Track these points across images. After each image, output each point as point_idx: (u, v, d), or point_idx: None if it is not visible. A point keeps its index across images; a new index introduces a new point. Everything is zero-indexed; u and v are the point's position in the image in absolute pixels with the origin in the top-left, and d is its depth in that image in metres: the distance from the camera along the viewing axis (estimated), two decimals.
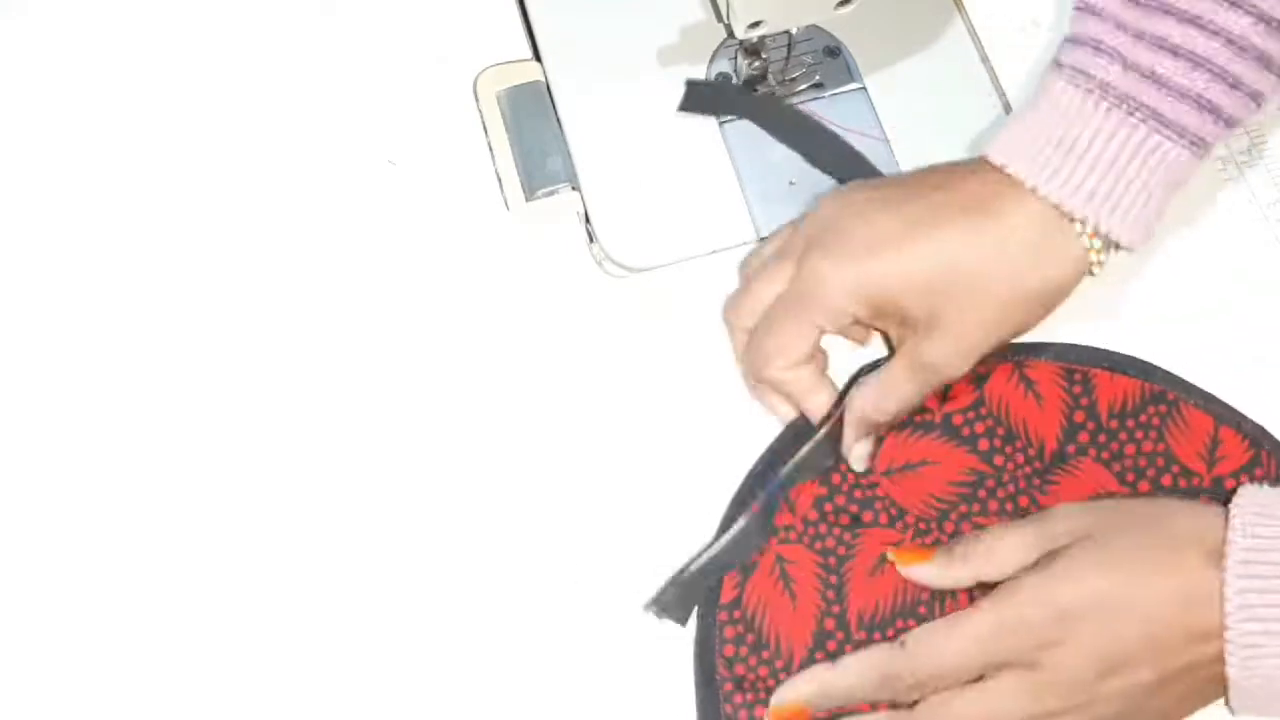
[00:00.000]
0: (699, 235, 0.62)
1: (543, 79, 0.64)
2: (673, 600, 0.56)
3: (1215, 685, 0.50)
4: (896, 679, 0.52)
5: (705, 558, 0.56)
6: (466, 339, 0.60)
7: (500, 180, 0.63)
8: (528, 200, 0.63)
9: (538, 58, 0.65)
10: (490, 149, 0.63)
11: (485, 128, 0.64)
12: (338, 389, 0.59)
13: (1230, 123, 0.53)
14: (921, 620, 0.55)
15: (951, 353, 0.55)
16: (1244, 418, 0.59)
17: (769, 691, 0.54)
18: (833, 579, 0.56)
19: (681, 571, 0.56)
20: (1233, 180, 0.64)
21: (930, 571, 0.55)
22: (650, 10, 0.64)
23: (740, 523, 0.57)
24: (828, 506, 0.57)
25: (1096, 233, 0.53)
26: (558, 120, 0.63)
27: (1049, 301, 0.55)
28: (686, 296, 0.61)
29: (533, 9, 0.65)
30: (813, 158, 0.63)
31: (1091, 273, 0.54)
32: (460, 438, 0.59)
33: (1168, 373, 0.59)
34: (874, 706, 0.53)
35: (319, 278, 0.61)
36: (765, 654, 0.55)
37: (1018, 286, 0.54)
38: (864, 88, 0.65)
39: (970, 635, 0.51)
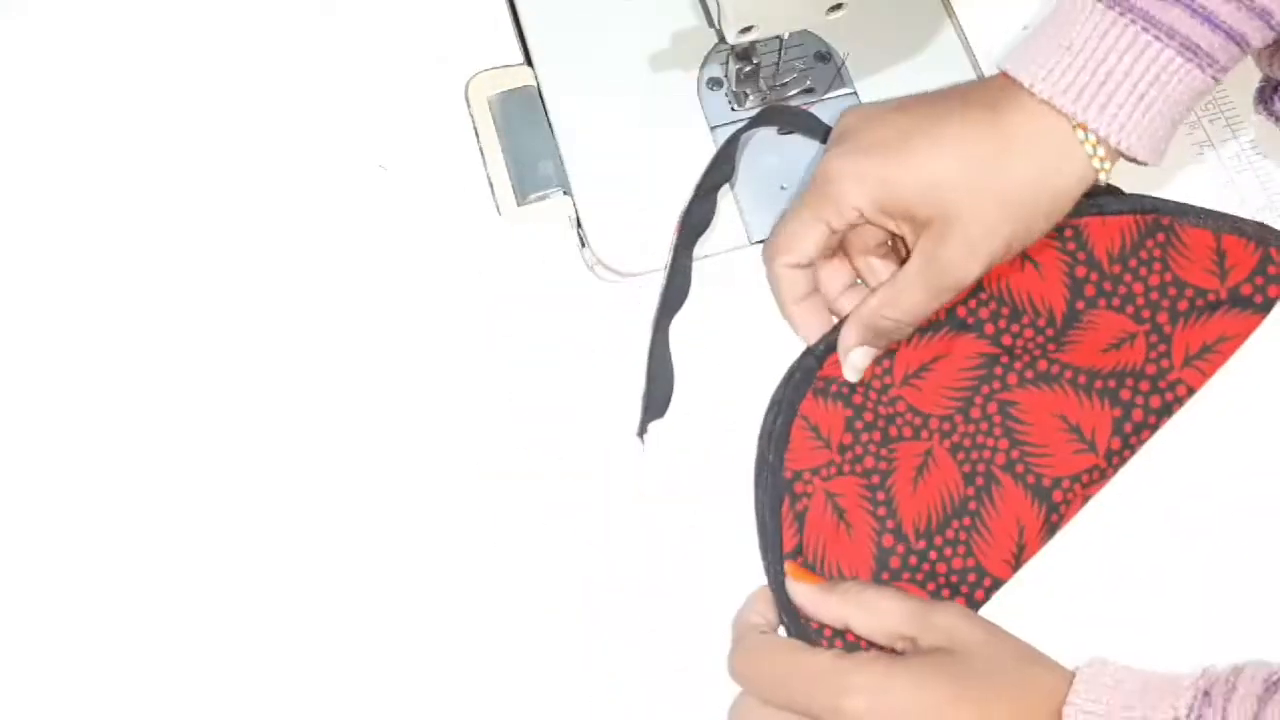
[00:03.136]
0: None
1: (534, 84, 0.64)
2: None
3: None
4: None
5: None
6: (458, 344, 0.60)
7: (492, 185, 0.63)
8: (519, 205, 0.63)
9: (529, 62, 0.65)
10: (482, 154, 0.63)
11: (477, 132, 0.64)
12: (329, 393, 0.59)
13: (1231, 35, 0.51)
14: (974, 519, 0.56)
15: (960, 254, 0.54)
16: (1244, 221, 0.58)
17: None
18: (880, 496, 0.57)
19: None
20: (1226, 185, 0.64)
21: (808, 594, 0.55)
22: (642, 15, 0.65)
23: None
24: (858, 424, 0.57)
25: (1098, 138, 0.53)
26: (549, 125, 0.64)
27: (1053, 205, 0.54)
28: None
29: (525, 14, 0.65)
30: None
31: (1099, 181, 0.54)
32: (453, 442, 0.59)
33: (1157, 198, 0.59)
34: None
35: (310, 282, 0.61)
36: None
37: (1020, 186, 0.53)
38: (855, 93, 0.65)
39: (792, 664, 0.51)
